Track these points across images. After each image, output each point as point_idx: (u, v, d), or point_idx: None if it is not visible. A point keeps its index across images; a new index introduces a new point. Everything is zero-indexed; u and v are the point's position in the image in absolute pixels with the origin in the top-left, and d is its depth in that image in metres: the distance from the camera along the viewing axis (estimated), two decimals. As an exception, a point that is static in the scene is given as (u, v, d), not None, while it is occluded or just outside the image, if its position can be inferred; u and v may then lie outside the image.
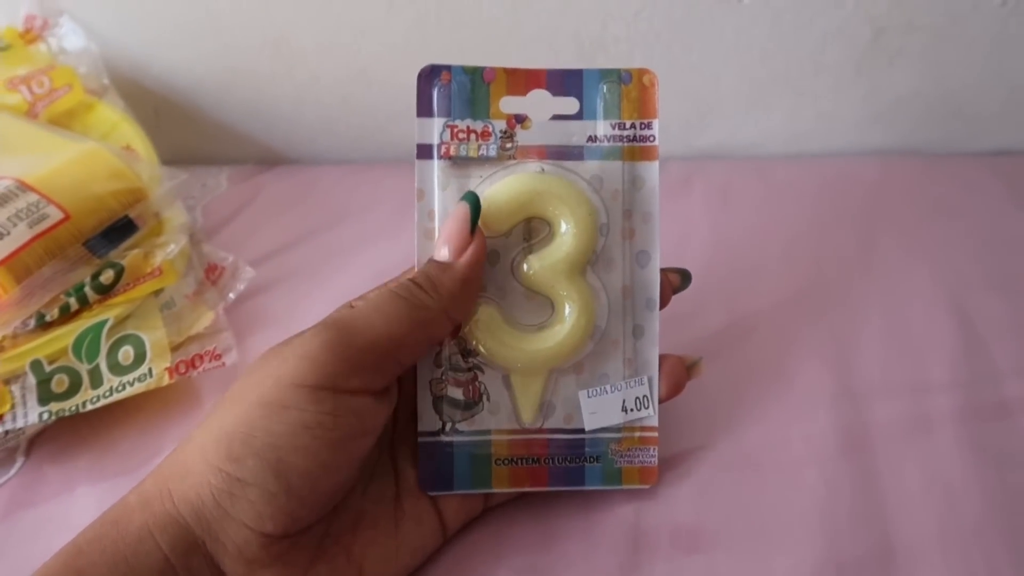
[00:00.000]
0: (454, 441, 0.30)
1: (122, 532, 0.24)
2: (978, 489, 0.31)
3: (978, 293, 0.39)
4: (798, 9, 0.44)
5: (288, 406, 0.24)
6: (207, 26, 0.50)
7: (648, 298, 0.31)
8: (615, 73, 0.30)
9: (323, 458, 0.25)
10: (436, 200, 0.30)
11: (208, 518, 0.24)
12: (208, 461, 0.24)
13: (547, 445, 0.30)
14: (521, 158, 0.30)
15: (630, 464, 0.31)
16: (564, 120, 0.30)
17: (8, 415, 0.35)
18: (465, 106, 0.30)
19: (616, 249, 0.30)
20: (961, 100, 0.48)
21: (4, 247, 0.37)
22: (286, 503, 0.24)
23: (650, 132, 0.31)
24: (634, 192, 0.30)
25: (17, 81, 0.49)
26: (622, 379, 0.31)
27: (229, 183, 0.53)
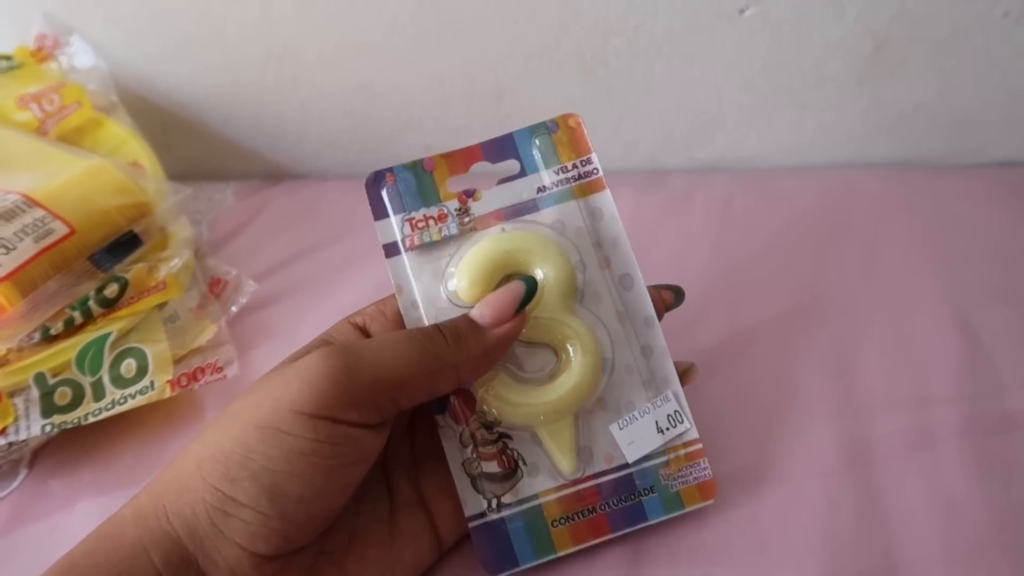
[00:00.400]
0: (504, 516, 0.29)
1: (116, 546, 0.24)
2: (982, 504, 0.30)
3: (982, 305, 0.39)
4: (799, 21, 0.44)
5: (285, 431, 0.24)
6: (213, 42, 0.51)
7: (645, 316, 0.31)
8: (542, 126, 0.32)
9: (318, 484, 0.25)
10: (416, 290, 0.31)
11: (201, 535, 0.24)
12: (204, 479, 0.24)
13: (597, 491, 0.30)
14: (481, 227, 0.31)
15: (686, 484, 0.30)
16: (510, 181, 0.32)
17: (11, 427, 0.35)
18: (416, 198, 0.31)
19: (599, 281, 0.31)
20: (965, 111, 0.47)
21: (10, 262, 0.37)
22: (279, 526, 0.24)
23: (591, 167, 0.32)
24: (596, 224, 0.31)
25: (28, 99, 0.50)
26: (647, 401, 0.30)
27: (235, 198, 0.54)
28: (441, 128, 0.53)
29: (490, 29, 0.47)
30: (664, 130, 0.51)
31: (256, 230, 0.51)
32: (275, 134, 0.55)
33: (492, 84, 0.50)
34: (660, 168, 0.53)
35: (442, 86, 0.50)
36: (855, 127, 0.49)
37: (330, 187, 0.54)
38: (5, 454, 0.36)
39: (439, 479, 0.30)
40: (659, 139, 0.52)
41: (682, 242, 0.46)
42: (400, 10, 0.47)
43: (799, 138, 0.50)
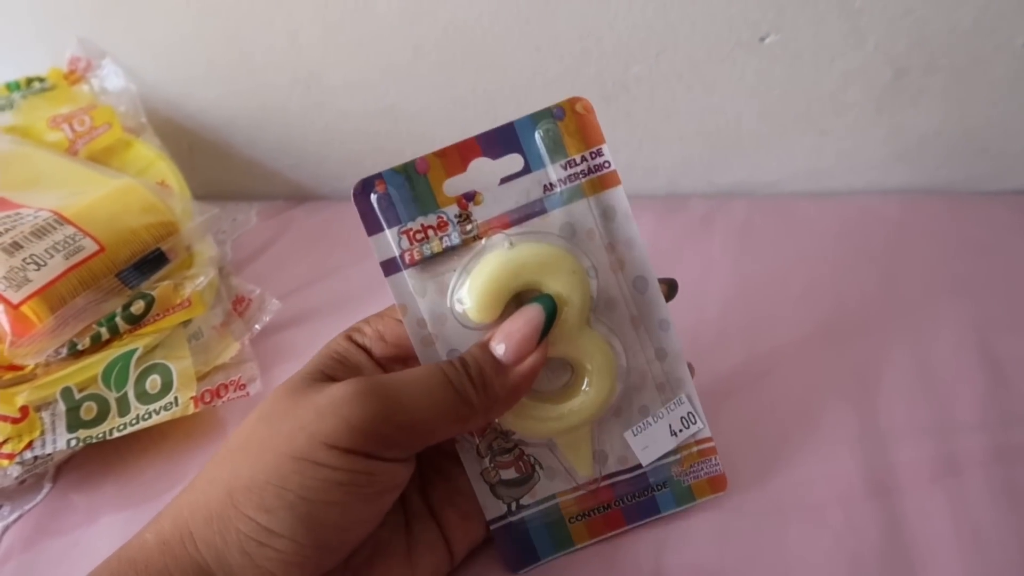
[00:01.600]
0: (524, 516, 0.30)
1: (140, 572, 0.24)
2: (1008, 534, 0.30)
3: (1004, 333, 0.38)
4: (818, 50, 0.45)
5: (322, 464, 0.24)
6: (241, 67, 0.52)
7: (660, 319, 0.30)
8: (546, 113, 0.28)
9: (353, 512, 0.25)
10: (421, 308, 0.29)
11: (231, 564, 0.24)
12: (237, 508, 0.24)
13: (612, 489, 0.30)
14: (485, 234, 0.29)
15: (697, 479, 0.31)
16: (514, 179, 0.29)
17: (38, 441, 0.35)
18: (410, 206, 0.28)
19: (612, 287, 0.30)
20: (984, 139, 0.47)
21: (40, 277, 0.38)
22: (314, 554, 0.24)
23: (603, 159, 0.29)
24: (608, 224, 0.29)
25: (60, 119, 0.51)
26: (661, 406, 0.30)
27: (259, 218, 0.55)
28: (462, 152, 0.53)
29: (513, 55, 0.48)
30: (684, 155, 0.52)
31: (279, 250, 0.52)
32: (299, 156, 0.56)
33: (514, 109, 0.50)
34: (679, 193, 0.53)
35: (464, 110, 0.51)
36: (874, 154, 0.49)
37: (352, 208, 0.55)
38: (30, 468, 0.36)
39: (445, 492, 0.30)
40: (679, 164, 0.52)
41: (701, 266, 0.46)
42: (425, 37, 0.48)
43: (818, 164, 0.51)
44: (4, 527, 0.35)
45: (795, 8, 0.43)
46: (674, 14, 0.45)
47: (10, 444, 0.35)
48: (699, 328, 0.42)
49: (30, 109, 0.52)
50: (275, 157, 0.56)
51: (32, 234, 0.39)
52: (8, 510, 0.36)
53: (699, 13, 0.44)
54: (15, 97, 0.53)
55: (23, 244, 0.38)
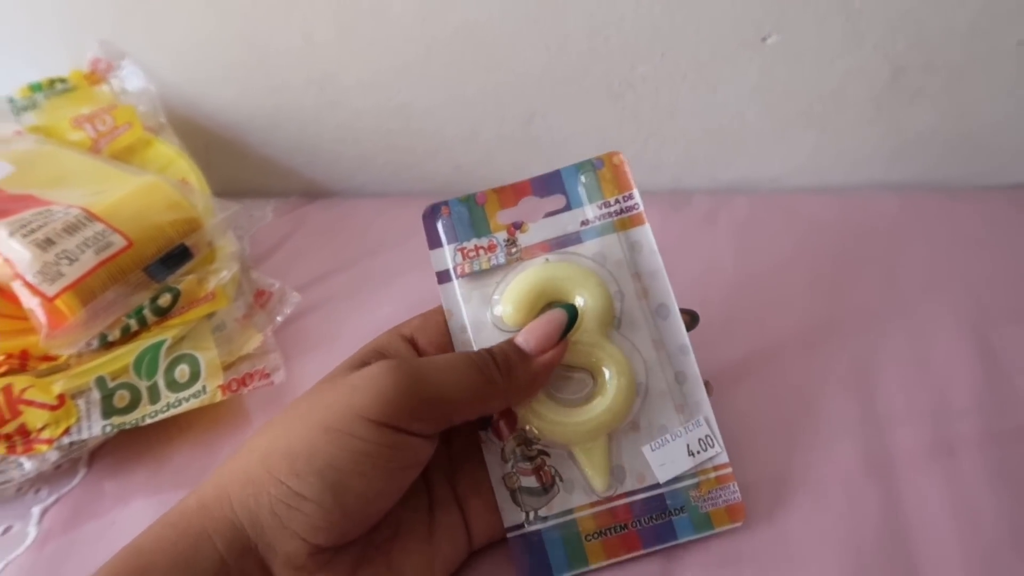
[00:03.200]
0: (541, 529, 0.31)
1: (181, 533, 0.26)
2: (1001, 512, 0.31)
3: (998, 323, 0.40)
4: (819, 49, 0.46)
5: (353, 435, 0.26)
6: (257, 67, 0.54)
7: (680, 345, 0.33)
8: (588, 163, 0.34)
9: (378, 484, 0.27)
10: (464, 315, 0.33)
11: (263, 525, 0.26)
12: (270, 472, 0.26)
13: (629, 509, 0.31)
14: (527, 257, 0.33)
15: (715, 507, 0.31)
16: (556, 215, 0.34)
17: (74, 427, 0.37)
18: (468, 229, 0.33)
19: (636, 311, 0.33)
20: (981, 136, 0.49)
21: (73, 272, 0.39)
22: (339, 520, 0.26)
23: (633, 202, 0.33)
24: (635, 256, 0.33)
25: (82, 119, 0.53)
26: (680, 425, 0.32)
27: (274, 214, 0.56)
28: (472, 149, 0.55)
29: (522, 55, 0.49)
30: (688, 152, 0.53)
31: (295, 244, 0.54)
32: (313, 154, 0.57)
33: (523, 107, 0.52)
34: (684, 189, 0.55)
35: (474, 109, 0.53)
36: (874, 151, 0.51)
37: (365, 204, 0.57)
38: (66, 453, 0.38)
39: (472, 481, 0.32)
40: (683, 161, 0.54)
41: (706, 260, 0.47)
42: (437, 37, 0.49)
43: (819, 161, 0.52)
44: (43, 509, 0.37)
45: (796, 9, 0.45)
46: (679, 15, 0.46)
47: (48, 430, 0.37)
48: (704, 319, 0.42)
49: (53, 109, 0.54)
50: (290, 155, 0.58)
51: (64, 230, 0.40)
52: (46, 493, 0.38)
53: (703, 14, 0.46)
54: (38, 98, 0.54)
55: (55, 240, 0.40)
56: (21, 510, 0.37)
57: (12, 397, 0.37)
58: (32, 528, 0.36)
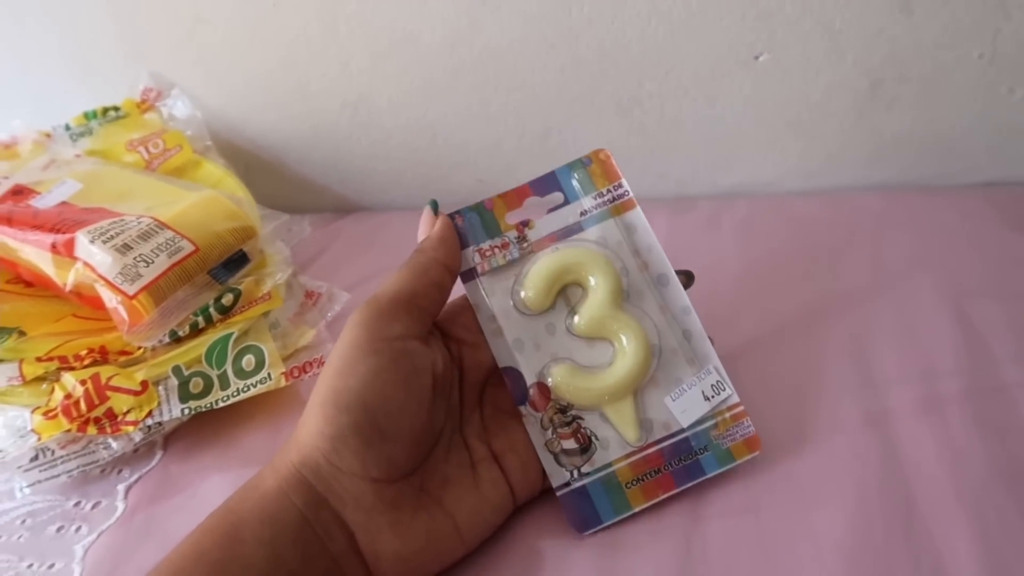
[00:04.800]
0: (585, 484, 0.35)
1: (263, 493, 0.30)
2: (984, 455, 0.36)
3: (974, 299, 0.45)
4: (805, 65, 0.52)
5: (355, 365, 0.31)
6: (296, 93, 0.59)
7: (682, 307, 0.37)
8: (578, 162, 0.38)
9: (397, 397, 0.31)
10: (491, 306, 0.37)
11: (325, 476, 0.30)
12: (312, 431, 0.31)
13: (661, 455, 0.35)
14: (537, 249, 0.37)
15: (734, 441, 0.36)
16: (557, 210, 0.38)
17: (156, 411, 0.41)
18: (481, 232, 0.37)
19: (640, 283, 0.37)
20: (952, 139, 0.55)
21: (149, 273, 0.44)
22: (381, 444, 0.30)
23: (623, 190, 0.38)
24: (632, 236, 0.37)
25: (135, 143, 0.57)
26: (693, 375, 0.36)
27: (312, 228, 0.61)
28: (494, 164, 0.60)
29: (540, 77, 0.55)
30: (691, 161, 0.59)
31: (333, 255, 0.58)
32: (347, 171, 0.62)
33: (540, 124, 0.57)
34: (688, 195, 0.60)
35: (496, 127, 0.58)
36: (858, 155, 0.56)
37: (395, 217, 0.62)
38: (147, 436, 0.42)
39: (507, 442, 0.35)
40: (686, 169, 0.59)
41: (712, 257, 0.52)
42: (463, 61, 0.55)
43: (809, 165, 0.58)
44: (127, 487, 0.41)
45: (784, 30, 0.51)
46: (680, 38, 0.52)
47: (133, 413, 0.41)
48: (715, 308, 0.47)
49: (107, 135, 0.59)
50: (325, 173, 0.63)
51: (139, 237, 0.45)
52: (128, 473, 0.42)
53: (702, 36, 0.52)
54: (93, 125, 0.59)
55: (132, 245, 0.44)
56: (107, 488, 0.41)
57: (100, 384, 0.41)
58: (120, 503, 0.40)
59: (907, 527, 0.33)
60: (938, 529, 0.33)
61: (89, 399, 0.40)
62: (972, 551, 0.32)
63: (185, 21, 0.57)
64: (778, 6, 0.49)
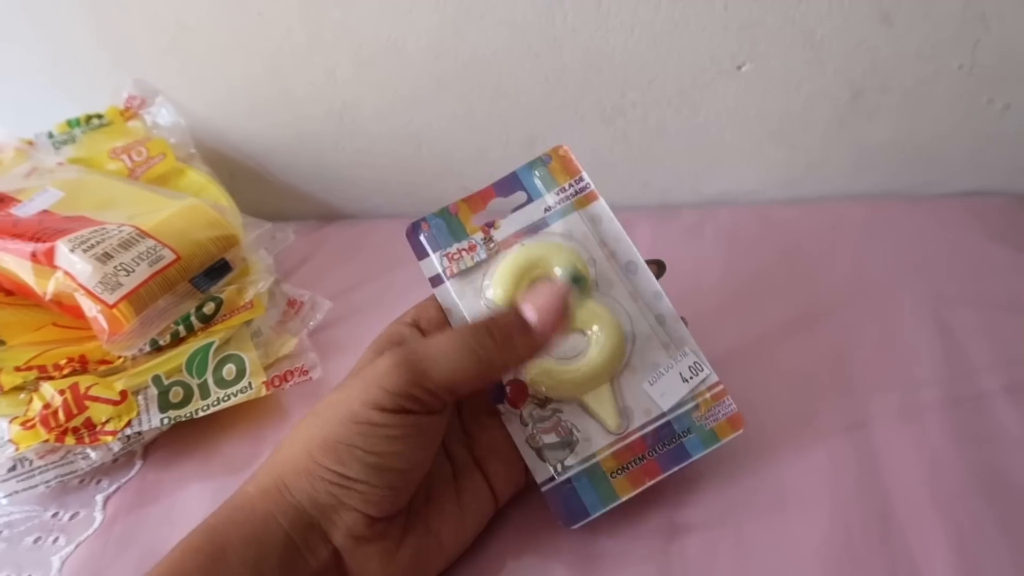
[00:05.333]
0: (570, 477, 0.35)
1: (248, 516, 0.30)
2: (961, 461, 0.36)
3: (954, 307, 0.45)
4: (787, 75, 0.52)
5: (375, 424, 0.30)
6: (281, 101, 0.59)
7: (653, 292, 0.37)
8: (538, 160, 0.38)
9: (412, 457, 0.31)
10: (463, 309, 0.37)
11: (323, 504, 0.30)
12: (318, 462, 0.30)
13: (644, 441, 0.35)
14: (504, 248, 0.37)
15: (717, 421, 0.35)
16: (521, 208, 0.38)
17: (135, 420, 0.41)
18: (448, 236, 0.37)
19: (608, 272, 0.37)
20: (933, 149, 0.55)
21: (130, 282, 0.43)
22: (387, 492, 0.30)
23: (584, 183, 0.38)
24: (597, 227, 0.38)
25: (118, 151, 0.57)
26: (669, 359, 0.36)
27: (296, 235, 0.61)
28: (478, 172, 0.60)
29: (525, 85, 0.55)
30: (674, 170, 0.59)
31: (317, 262, 0.58)
32: (331, 179, 0.62)
33: (525, 133, 0.57)
34: (671, 203, 0.60)
35: (480, 135, 0.58)
36: (839, 164, 0.57)
37: (379, 224, 0.61)
38: (126, 445, 0.42)
39: (487, 444, 0.35)
40: (670, 178, 0.59)
41: (696, 265, 0.53)
42: (447, 70, 0.55)
43: (791, 175, 0.58)
44: (105, 497, 0.41)
45: (767, 41, 0.51)
46: (663, 47, 0.52)
47: (112, 423, 0.40)
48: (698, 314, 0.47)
49: (90, 143, 0.58)
50: (309, 181, 0.63)
51: (119, 246, 0.44)
52: (107, 483, 0.41)
53: (685, 46, 0.52)
54: (76, 132, 0.59)
55: (113, 254, 0.44)
56: (85, 498, 0.41)
57: (79, 394, 0.40)
58: (98, 513, 0.40)
59: (884, 535, 0.34)
60: (915, 537, 0.33)
61: (68, 409, 0.40)
62: (948, 559, 0.32)
63: (169, 28, 0.57)
64: (760, 17, 0.50)
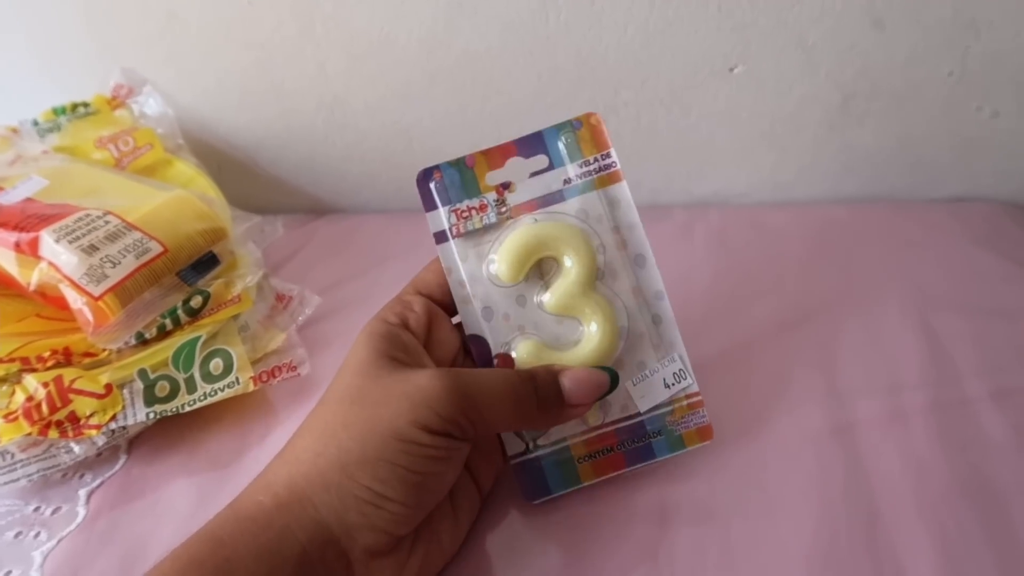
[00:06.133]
0: (540, 455, 0.35)
1: (263, 527, 0.28)
2: (946, 466, 0.36)
3: (940, 312, 0.46)
4: (778, 78, 0.52)
5: (420, 444, 0.30)
6: (271, 93, 0.58)
7: (655, 291, 0.36)
8: (567, 124, 0.36)
9: (446, 479, 0.31)
10: (463, 272, 0.36)
11: (348, 522, 0.29)
12: (353, 479, 0.29)
13: (615, 435, 0.36)
14: (516, 216, 0.36)
15: (687, 428, 0.36)
16: (541, 174, 0.36)
17: (120, 414, 0.40)
18: (460, 191, 0.36)
19: (616, 261, 0.36)
20: (921, 154, 0.56)
21: (116, 274, 0.43)
22: (415, 512, 0.30)
23: (611, 160, 0.36)
24: (614, 211, 0.36)
25: (105, 140, 0.56)
26: (656, 362, 0.36)
27: (285, 229, 0.60)
28: (469, 168, 0.60)
29: (517, 82, 0.55)
30: (665, 170, 0.59)
31: (306, 256, 0.58)
32: (321, 173, 0.62)
33: (516, 130, 0.56)
34: (662, 203, 0.61)
35: (472, 132, 0.58)
36: (829, 168, 0.57)
37: (369, 219, 0.61)
38: (111, 439, 0.41)
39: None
40: (661, 178, 0.59)
41: (685, 266, 0.53)
42: (440, 65, 0.55)
43: (782, 177, 0.58)
44: (89, 492, 0.40)
45: (759, 43, 0.51)
46: (656, 48, 0.52)
47: (96, 416, 0.40)
48: (686, 315, 0.47)
49: (75, 131, 0.57)
50: (298, 174, 0.62)
51: (106, 238, 0.44)
52: (91, 477, 0.41)
53: (678, 47, 0.52)
54: (62, 120, 0.58)
55: (99, 246, 0.43)
56: (68, 493, 0.40)
57: (63, 387, 0.40)
58: (81, 508, 0.39)
59: (870, 538, 0.34)
60: (900, 541, 0.33)
61: (51, 402, 0.39)
62: (933, 563, 0.32)
63: (158, 17, 0.56)
64: (752, 19, 0.50)
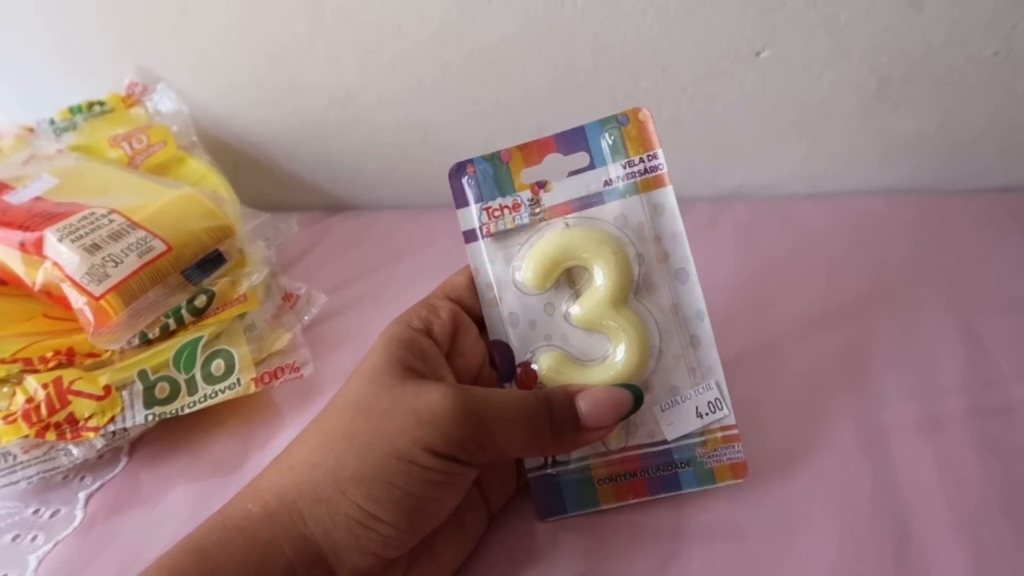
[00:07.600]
0: (559, 472, 0.34)
1: (249, 540, 0.27)
2: (986, 480, 0.33)
3: (983, 311, 0.42)
4: (809, 62, 0.49)
5: (424, 466, 0.28)
6: (284, 89, 0.57)
7: (696, 310, 0.34)
8: (613, 119, 0.33)
9: (446, 504, 0.29)
10: (490, 274, 0.34)
11: (337, 540, 0.27)
12: (346, 495, 0.27)
13: (639, 460, 0.33)
14: (550, 218, 0.33)
15: (720, 463, 0.33)
16: (580, 173, 0.33)
17: (119, 416, 0.40)
18: (493, 187, 0.33)
19: (655, 273, 0.33)
20: (963, 142, 0.52)
21: (118, 273, 0.42)
22: (408, 537, 0.28)
23: (657, 162, 0.33)
24: (657, 219, 0.33)
25: (119, 138, 0.56)
26: (690, 388, 0.33)
27: (299, 226, 0.59)
28: (485, 162, 0.58)
29: (533, 73, 0.53)
30: (689, 162, 0.56)
31: (319, 254, 0.57)
32: (336, 169, 0.61)
33: (533, 122, 0.55)
34: (686, 197, 0.57)
35: (488, 124, 0.56)
36: (863, 157, 0.54)
37: (385, 216, 0.60)
38: (110, 442, 0.41)
39: None
40: (684, 170, 0.57)
41: (710, 261, 0.50)
42: (453, 57, 0.53)
43: (812, 168, 0.55)
44: (88, 495, 0.40)
45: (787, 25, 0.48)
46: (678, 33, 0.50)
47: (95, 419, 0.39)
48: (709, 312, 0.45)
49: (92, 130, 0.58)
50: (313, 171, 0.61)
51: (109, 237, 0.43)
52: (91, 480, 0.40)
53: (701, 32, 0.49)
54: (78, 119, 0.58)
55: (101, 245, 0.43)
56: (68, 495, 0.40)
57: (62, 388, 0.39)
58: (79, 511, 0.39)
59: (899, 555, 0.31)
60: (933, 558, 0.31)
61: (50, 403, 0.39)
62: (968, 586, 0.30)
63: (172, 14, 0.55)
64: (780, 0, 0.47)
